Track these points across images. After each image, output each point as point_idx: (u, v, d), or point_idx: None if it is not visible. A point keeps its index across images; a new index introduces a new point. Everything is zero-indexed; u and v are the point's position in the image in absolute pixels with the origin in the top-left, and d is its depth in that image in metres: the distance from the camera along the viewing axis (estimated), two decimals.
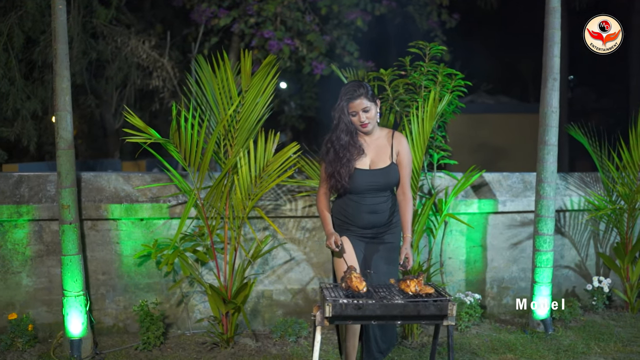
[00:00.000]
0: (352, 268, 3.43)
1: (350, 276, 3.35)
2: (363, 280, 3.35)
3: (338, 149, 3.79)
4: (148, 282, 5.17)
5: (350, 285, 3.31)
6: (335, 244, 3.72)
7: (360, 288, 3.30)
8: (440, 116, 5.30)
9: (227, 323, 4.82)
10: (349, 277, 3.35)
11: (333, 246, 3.72)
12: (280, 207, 5.27)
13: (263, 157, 4.77)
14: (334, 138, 3.82)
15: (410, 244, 3.81)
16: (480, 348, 4.82)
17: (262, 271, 5.32)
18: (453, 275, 5.66)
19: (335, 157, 3.81)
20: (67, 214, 4.57)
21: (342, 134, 3.79)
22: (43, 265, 5.02)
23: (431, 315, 3.11)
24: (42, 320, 5.04)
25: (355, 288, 3.30)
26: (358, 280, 3.33)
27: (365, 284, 3.34)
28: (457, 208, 5.54)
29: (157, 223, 5.14)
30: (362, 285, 3.31)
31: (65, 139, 4.55)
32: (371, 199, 3.87)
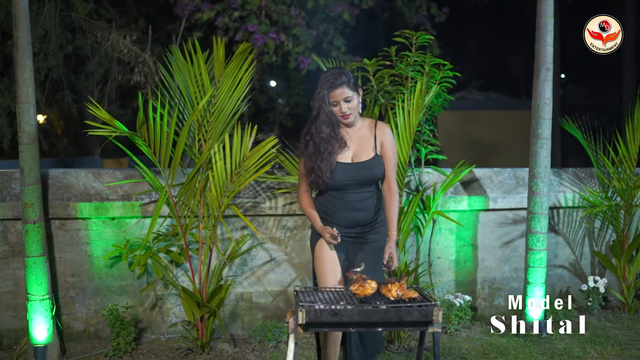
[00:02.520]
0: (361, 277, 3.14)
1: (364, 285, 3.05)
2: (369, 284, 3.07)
3: (318, 142, 3.53)
4: (120, 285, 4.89)
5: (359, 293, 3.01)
6: (332, 235, 3.47)
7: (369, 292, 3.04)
8: (429, 109, 5.06)
9: (202, 328, 4.55)
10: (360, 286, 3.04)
11: (332, 241, 3.47)
12: (259, 205, 5.00)
13: (239, 152, 4.50)
14: (314, 130, 3.56)
15: (396, 243, 3.55)
16: (471, 353, 4.57)
17: (240, 272, 5.06)
18: (442, 276, 5.41)
19: (315, 151, 3.54)
20: (31, 212, 4.29)
21: (322, 125, 3.53)
22: (8, 267, 4.73)
23: (415, 322, 2.85)
24: (7, 326, 4.75)
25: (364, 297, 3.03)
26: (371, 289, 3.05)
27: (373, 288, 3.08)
28: (446, 205, 5.29)
29: (130, 222, 4.87)
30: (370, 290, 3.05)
31: (28, 133, 4.27)
32: (355, 194, 3.61)
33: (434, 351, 2.89)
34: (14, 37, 4.24)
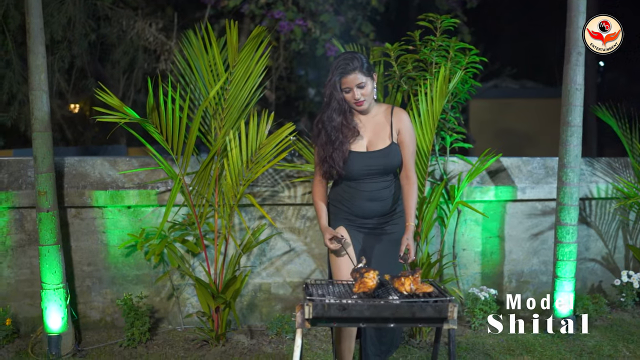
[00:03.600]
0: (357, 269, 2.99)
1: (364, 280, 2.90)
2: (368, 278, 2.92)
3: (330, 131, 3.37)
4: (137, 274, 4.82)
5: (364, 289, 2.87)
6: (335, 238, 3.31)
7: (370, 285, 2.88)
8: (454, 96, 4.86)
9: (217, 319, 4.45)
10: (361, 281, 2.89)
11: (330, 245, 3.31)
12: (277, 194, 4.88)
13: (255, 140, 4.37)
14: (325, 118, 3.39)
15: (413, 234, 3.38)
16: (495, 349, 4.38)
17: (259, 263, 4.94)
18: (467, 268, 5.21)
19: (327, 140, 3.38)
20: (45, 201, 4.23)
21: (333, 113, 3.36)
22: (25, 255, 4.70)
23: (429, 318, 2.68)
24: (24, 314, 4.73)
25: (369, 291, 2.88)
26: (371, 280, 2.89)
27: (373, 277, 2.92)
28: (472, 195, 5.09)
29: (146, 211, 4.79)
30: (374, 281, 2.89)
31: (40, 120, 4.21)
32: (371, 184, 3.44)
33: (448, 349, 2.73)
34: (25, 23, 4.17)
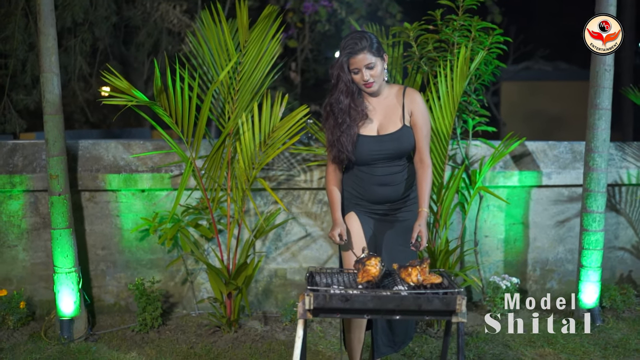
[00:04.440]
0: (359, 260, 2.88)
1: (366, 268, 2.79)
2: (370, 266, 2.81)
3: (337, 114, 3.23)
4: (151, 258, 4.77)
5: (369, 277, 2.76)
6: (340, 237, 3.20)
7: (374, 272, 2.77)
8: (477, 77, 4.68)
9: (230, 305, 4.38)
10: (363, 270, 2.78)
11: (335, 238, 3.19)
12: (293, 178, 4.77)
13: (269, 122, 4.26)
14: (333, 101, 3.25)
15: (426, 221, 3.23)
16: (515, 340, 4.23)
17: (274, 248, 4.85)
18: (490, 256, 5.05)
19: (334, 123, 3.25)
20: (56, 184, 4.19)
21: (341, 95, 3.22)
22: (39, 238, 4.69)
23: (436, 311, 2.55)
24: (40, 297, 4.73)
25: (373, 279, 2.77)
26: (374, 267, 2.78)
27: (375, 264, 2.80)
28: (495, 180, 4.91)
29: (160, 195, 4.73)
30: (374, 268, 2.77)
31: (52, 103, 4.16)
32: (383, 169, 3.30)
33: (457, 344, 2.59)
34: (36, 3, 4.11)
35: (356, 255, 3.16)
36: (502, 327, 4.42)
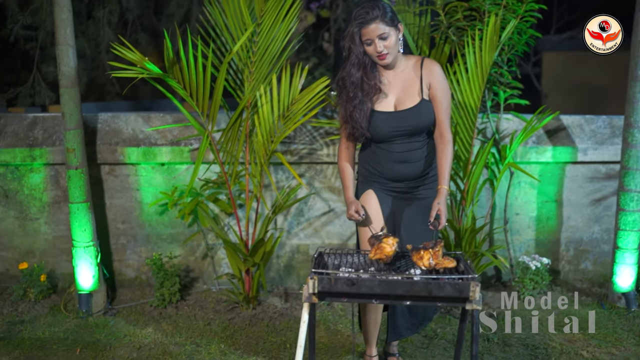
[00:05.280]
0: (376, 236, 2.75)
1: (379, 244, 2.66)
2: (384, 244, 2.68)
3: (349, 88, 3.06)
4: (171, 233, 4.72)
5: (382, 256, 2.64)
6: (358, 213, 3.04)
7: (388, 251, 2.64)
8: (510, 48, 4.43)
9: (249, 281, 4.30)
10: (377, 246, 2.66)
11: (355, 216, 3.04)
12: (316, 152, 4.62)
13: (288, 94, 4.12)
14: (345, 74, 3.08)
15: (446, 199, 3.06)
16: (543, 323, 4.04)
17: (296, 223, 4.74)
18: (520, 235, 4.84)
19: (347, 98, 3.08)
20: (73, 158, 4.14)
21: (352, 68, 3.04)
22: (60, 212, 4.67)
23: (448, 297, 2.39)
24: (62, 270, 4.74)
25: (385, 258, 2.64)
26: (389, 247, 2.65)
27: (392, 244, 2.67)
28: (527, 156, 4.68)
29: (180, 168, 4.65)
30: (390, 246, 2.64)
31: (67, 76, 4.08)
32: (401, 145, 3.12)
33: (472, 332, 2.44)
34: None
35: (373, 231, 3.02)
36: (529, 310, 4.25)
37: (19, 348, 3.74)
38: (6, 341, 3.85)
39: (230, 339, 3.85)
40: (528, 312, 4.22)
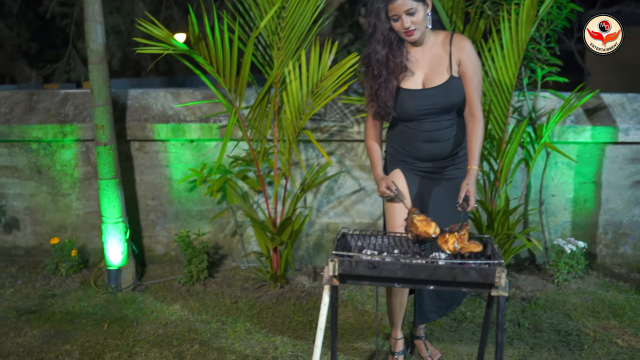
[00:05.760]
0: (412, 211, 2.70)
1: (412, 221, 2.61)
2: (431, 221, 2.61)
3: (374, 65, 2.95)
4: (200, 210, 4.72)
5: (417, 232, 2.58)
6: (389, 189, 2.96)
7: (430, 232, 2.57)
8: (550, 23, 4.26)
9: (277, 259, 4.27)
10: (411, 224, 2.61)
11: (387, 193, 2.95)
12: (346, 130, 4.54)
13: (317, 71, 4.04)
14: (370, 51, 2.97)
15: (476, 179, 2.95)
16: (577, 309, 3.92)
17: (326, 202, 4.68)
18: (556, 216, 4.69)
19: (372, 77, 2.98)
20: (102, 134, 4.15)
21: (377, 45, 2.93)
22: (91, 187, 4.71)
23: (472, 283, 2.30)
24: (93, 245, 4.79)
25: (424, 233, 2.58)
26: (424, 223, 2.59)
27: (435, 225, 2.61)
28: (564, 136, 4.51)
29: (209, 145, 4.62)
30: (432, 228, 2.58)
31: (96, 52, 4.07)
32: (430, 124, 3.01)
33: (497, 320, 2.35)
34: None
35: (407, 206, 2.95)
36: (564, 295, 4.13)
37: (49, 321, 3.80)
38: (37, 314, 3.90)
39: (256, 318, 3.84)
40: (562, 297, 4.11)
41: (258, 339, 3.55)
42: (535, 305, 3.96)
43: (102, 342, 3.50)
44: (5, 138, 4.63)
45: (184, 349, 3.42)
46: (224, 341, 3.52)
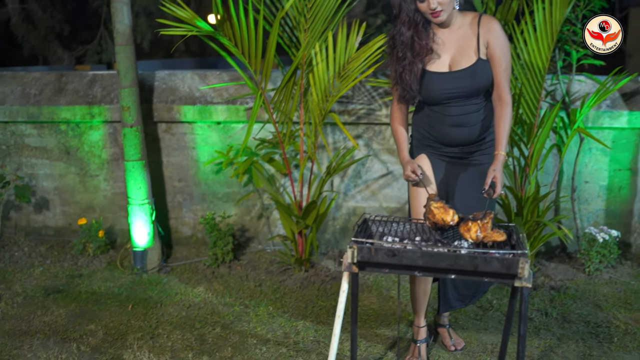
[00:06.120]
0: (431, 197, 2.64)
1: (430, 208, 2.56)
2: (449, 208, 2.55)
3: (398, 47, 2.87)
4: (227, 192, 4.71)
5: (434, 220, 2.53)
6: (414, 173, 2.88)
7: (448, 220, 2.51)
8: (587, 3, 4.11)
9: (302, 243, 4.25)
10: (429, 211, 2.56)
11: (413, 177, 2.88)
12: (374, 113, 4.47)
13: (344, 53, 3.96)
14: (395, 33, 2.89)
15: (503, 165, 2.85)
16: (608, 300, 3.81)
17: (353, 185, 4.63)
18: (589, 204, 4.56)
19: (396, 59, 2.90)
20: (128, 116, 4.16)
21: (403, 27, 2.84)
22: (119, 169, 4.73)
23: (494, 273, 2.24)
24: (121, 226, 4.82)
25: (441, 221, 2.52)
26: (442, 210, 2.53)
27: (453, 213, 2.54)
28: (599, 121, 4.37)
29: (235, 127, 4.60)
30: (450, 216, 2.52)
31: (122, 34, 4.07)
32: (457, 108, 2.93)
33: (520, 311, 2.28)
34: None
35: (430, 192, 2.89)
36: (595, 286, 4.02)
37: (75, 301, 3.84)
38: (64, 294, 3.95)
39: (280, 302, 3.83)
40: (592, 287, 4.00)
41: (280, 323, 3.54)
42: (565, 295, 3.87)
43: (125, 323, 3.52)
44: (35, 119, 4.68)
45: (206, 332, 3.42)
46: (246, 325, 3.52)
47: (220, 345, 3.29)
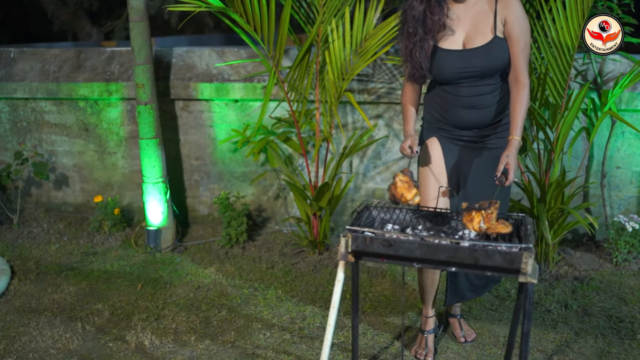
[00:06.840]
0: (405, 171, 2.48)
1: (395, 180, 2.42)
2: (414, 187, 2.41)
3: (409, 22, 2.72)
4: (244, 171, 4.63)
5: (394, 193, 2.40)
6: (411, 148, 2.72)
7: (408, 198, 2.37)
8: None
9: (317, 226, 4.15)
10: (393, 183, 2.42)
11: (407, 152, 2.74)
12: (394, 92, 4.32)
13: (361, 30, 3.81)
14: (407, 7, 2.74)
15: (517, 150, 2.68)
16: (634, 293, 3.62)
17: (372, 167, 4.50)
18: (620, 190, 4.34)
19: (407, 35, 2.74)
20: (142, 93, 4.10)
21: (415, 1, 2.70)
22: (136, 146, 4.70)
23: (496, 267, 2.10)
24: (137, 204, 4.81)
25: (400, 196, 2.39)
26: (405, 186, 2.39)
27: (415, 192, 2.39)
28: (633, 103, 4.13)
29: (253, 105, 4.51)
30: (412, 194, 2.38)
31: (136, 9, 3.99)
32: (470, 89, 2.76)
33: (524, 307, 2.14)
34: None
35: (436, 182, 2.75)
36: (622, 277, 3.83)
37: (86, 279, 3.84)
38: (77, 271, 3.95)
39: (290, 285, 3.75)
40: (618, 279, 3.81)
41: (288, 308, 3.46)
42: (588, 287, 3.69)
43: (132, 303, 3.50)
44: (54, 96, 4.67)
45: (212, 315, 3.37)
46: (252, 308, 3.45)
47: (224, 328, 3.23)
